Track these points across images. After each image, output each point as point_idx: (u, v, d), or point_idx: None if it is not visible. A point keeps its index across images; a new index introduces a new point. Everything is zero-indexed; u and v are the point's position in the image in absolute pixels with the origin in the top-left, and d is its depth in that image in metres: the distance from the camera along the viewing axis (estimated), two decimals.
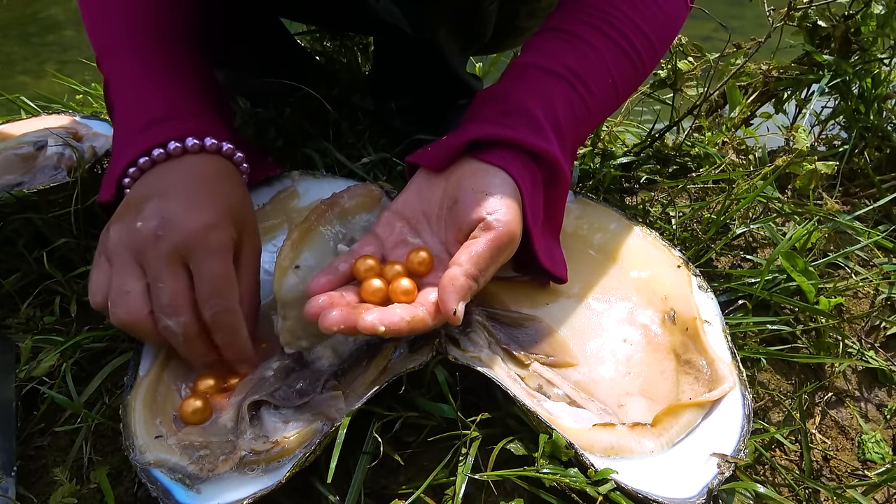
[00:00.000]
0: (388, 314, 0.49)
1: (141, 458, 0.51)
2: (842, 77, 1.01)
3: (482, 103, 0.61)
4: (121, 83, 0.62)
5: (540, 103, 0.58)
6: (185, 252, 0.52)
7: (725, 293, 0.73)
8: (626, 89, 0.65)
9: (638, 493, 0.49)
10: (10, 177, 0.79)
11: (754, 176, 0.86)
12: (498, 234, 0.53)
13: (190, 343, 0.53)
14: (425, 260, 0.55)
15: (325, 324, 0.48)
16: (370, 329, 0.48)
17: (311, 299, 0.51)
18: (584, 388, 0.59)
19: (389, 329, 0.48)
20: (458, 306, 0.50)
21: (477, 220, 0.54)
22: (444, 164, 0.58)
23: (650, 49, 0.64)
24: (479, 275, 0.52)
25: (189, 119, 0.60)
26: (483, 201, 0.54)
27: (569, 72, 0.60)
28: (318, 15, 0.98)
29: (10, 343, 0.64)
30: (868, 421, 0.71)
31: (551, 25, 0.64)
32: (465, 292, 0.51)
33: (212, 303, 0.52)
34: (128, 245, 0.53)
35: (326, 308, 0.49)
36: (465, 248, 0.53)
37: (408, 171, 0.62)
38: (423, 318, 0.50)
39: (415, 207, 0.59)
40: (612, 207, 0.72)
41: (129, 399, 0.55)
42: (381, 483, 0.54)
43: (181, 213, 0.53)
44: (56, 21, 3.49)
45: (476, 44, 0.86)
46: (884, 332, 0.77)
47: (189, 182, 0.56)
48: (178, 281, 0.52)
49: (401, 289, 0.53)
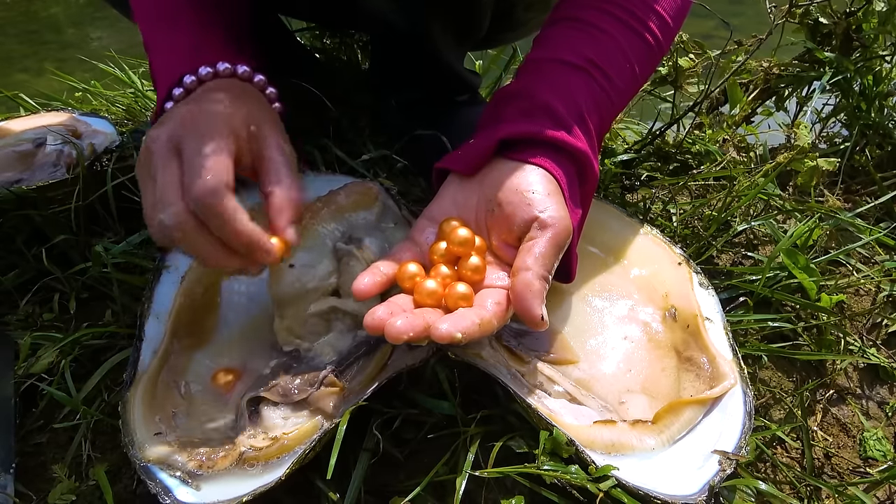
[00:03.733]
0: (460, 320, 0.47)
1: (140, 455, 0.51)
2: (843, 74, 1.01)
3: (502, 103, 0.59)
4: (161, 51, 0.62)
5: (562, 99, 0.57)
6: (177, 141, 0.50)
7: (726, 290, 0.73)
8: (644, 72, 0.63)
9: (639, 489, 0.49)
10: (9, 174, 0.79)
11: (755, 173, 0.86)
12: (556, 232, 0.51)
13: (189, 237, 0.49)
14: (479, 267, 0.53)
15: (393, 334, 0.46)
16: (447, 339, 0.45)
17: (369, 312, 0.48)
18: (585, 386, 0.59)
19: (466, 336, 0.46)
20: (543, 311, 0.49)
21: (530, 219, 0.52)
22: (477, 168, 0.57)
23: (664, 27, 0.63)
24: (548, 275, 0.51)
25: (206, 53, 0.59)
26: (531, 200, 0.52)
27: (587, 62, 0.59)
28: (313, 11, 0.97)
29: (9, 340, 0.64)
30: (869, 418, 0.71)
31: (562, 15, 0.62)
32: (543, 295, 0.49)
33: (193, 189, 0.48)
34: (144, 167, 0.51)
35: (387, 317, 0.47)
36: (526, 250, 0.51)
37: (435, 178, 0.61)
38: (491, 320, 0.49)
39: (450, 213, 0.57)
40: (613, 205, 0.72)
41: (128, 396, 0.54)
42: (381, 480, 0.54)
43: (182, 111, 0.52)
44: (56, 19, 3.49)
45: (472, 38, 0.85)
46: (885, 330, 0.77)
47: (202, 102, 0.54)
48: (168, 171, 0.49)
49: (458, 294, 0.50)
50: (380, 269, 0.53)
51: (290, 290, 0.58)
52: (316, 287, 0.59)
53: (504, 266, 0.54)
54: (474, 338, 0.47)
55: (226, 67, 0.58)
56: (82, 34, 3.06)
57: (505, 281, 0.52)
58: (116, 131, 0.87)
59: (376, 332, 0.47)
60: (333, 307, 0.58)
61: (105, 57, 1.29)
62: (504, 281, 0.52)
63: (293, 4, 0.93)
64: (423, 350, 0.53)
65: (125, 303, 0.66)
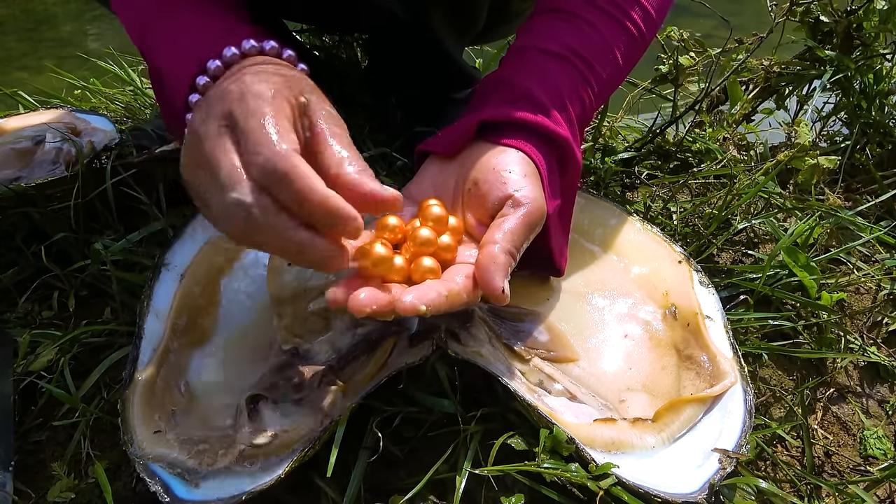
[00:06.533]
0: (424, 292, 0.46)
1: (139, 453, 0.50)
2: (844, 72, 1.01)
3: (486, 90, 0.60)
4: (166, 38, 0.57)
5: (543, 87, 0.57)
6: (227, 120, 0.46)
7: (727, 289, 0.73)
8: (627, 63, 0.64)
9: (639, 487, 0.49)
10: (8, 171, 0.79)
11: (756, 171, 0.86)
12: (529, 210, 0.51)
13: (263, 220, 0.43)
14: (451, 246, 0.52)
15: (356, 307, 0.44)
16: (411, 310, 0.44)
17: (330, 288, 0.46)
18: (585, 384, 0.58)
19: (430, 307, 0.45)
20: (504, 284, 0.48)
21: (504, 197, 0.52)
22: (457, 149, 0.57)
23: (648, 18, 0.63)
24: (515, 252, 0.50)
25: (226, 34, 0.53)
26: (507, 179, 0.52)
27: (570, 52, 0.59)
28: (313, 14, 0.97)
29: (8, 337, 0.64)
30: (870, 417, 0.71)
31: (546, 6, 0.63)
32: (507, 269, 0.49)
33: (258, 159, 0.43)
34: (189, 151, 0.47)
35: (350, 290, 0.45)
36: (496, 225, 0.51)
37: (417, 161, 0.61)
38: (460, 293, 0.47)
39: (428, 193, 0.56)
40: (613, 203, 0.72)
41: (127, 394, 0.54)
42: (381, 478, 0.54)
43: (220, 91, 0.47)
44: (54, 16, 3.48)
45: (471, 30, 0.85)
46: (886, 328, 0.77)
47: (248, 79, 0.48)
48: (227, 155, 0.44)
49: (424, 267, 0.49)
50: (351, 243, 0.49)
51: (289, 288, 0.57)
52: (315, 285, 0.58)
53: (477, 244, 0.52)
54: (441, 310, 0.45)
55: (252, 45, 0.52)
56: (81, 32, 3.06)
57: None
58: (116, 129, 0.86)
59: (338, 305, 0.45)
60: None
61: (104, 54, 1.29)
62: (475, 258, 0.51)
63: (292, 8, 0.93)
64: (423, 348, 0.53)
65: (124, 300, 0.66)
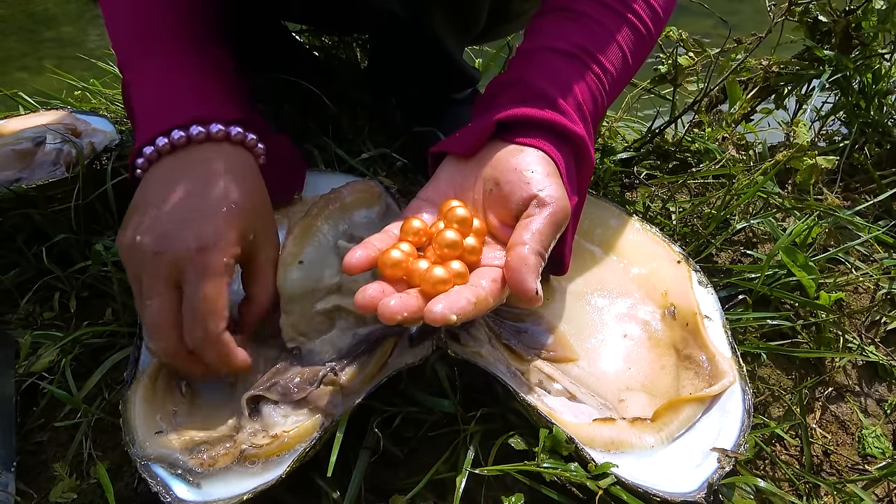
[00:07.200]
0: (454, 300, 0.46)
1: (141, 454, 0.51)
2: (842, 72, 1.01)
3: (497, 91, 0.59)
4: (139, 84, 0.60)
5: (557, 86, 0.57)
6: (177, 273, 0.51)
7: (725, 288, 0.73)
8: (636, 60, 0.63)
9: (638, 487, 0.49)
10: (9, 172, 0.79)
11: (754, 171, 0.86)
12: (554, 210, 0.51)
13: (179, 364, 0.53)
14: (475, 248, 0.51)
15: (387, 314, 0.45)
16: (442, 321, 0.44)
17: (360, 290, 0.47)
18: (585, 384, 0.59)
19: (461, 315, 0.45)
20: (537, 285, 0.47)
21: (528, 197, 0.51)
22: (474, 150, 0.56)
23: (655, 16, 0.63)
24: (544, 252, 0.50)
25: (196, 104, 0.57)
26: (530, 179, 0.52)
27: (581, 50, 0.59)
28: (313, 15, 0.97)
29: (10, 338, 0.64)
30: (868, 416, 0.71)
31: (552, 6, 0.62)
32: (538, 270, 0.48)
33: (194, 331, 0.50)
34: (130, 262, 0.52)
35: (380, 296, 0.46)
36: (522, 226, 0.50)
37: (431, 162, 0.60)
38: (486, 298, 0.47)
39: (446, 195, 0.55)
40: (612, 203, 0.72)
41: (128, 394, 0.54)
42: (382, 478, 0.54)
43: (178, 229, 0.51)
44: (54, 17, 3.48)
45: (472, 30, 0.85)
46: (884, 328, 0.77)
47: (193, 185, 0.54)
48: (164, 301, 0.51)
49: (453, 272, 0.49)
50: (373, 243, 0.51)
51: (299, 286, 0.57)
52: (326, 285, 0.59)
53: (501, 246, 0.53)
54: (469, 317, 0.46)
55: (219, 130, 0.56)
56: (81, 32, 3.05)
57: (501, 260, 0.51)
58: (116, 130, 0.86)
59: (367, 311, 0.46)
60: (337, 305, 0.58)
61: (104, 55, 1.29)
62: (501, 260, 0.51)
63: (293, 8, 0.93)
64: (423, 348, 0.54)
65: (125, 301, 0.66)
